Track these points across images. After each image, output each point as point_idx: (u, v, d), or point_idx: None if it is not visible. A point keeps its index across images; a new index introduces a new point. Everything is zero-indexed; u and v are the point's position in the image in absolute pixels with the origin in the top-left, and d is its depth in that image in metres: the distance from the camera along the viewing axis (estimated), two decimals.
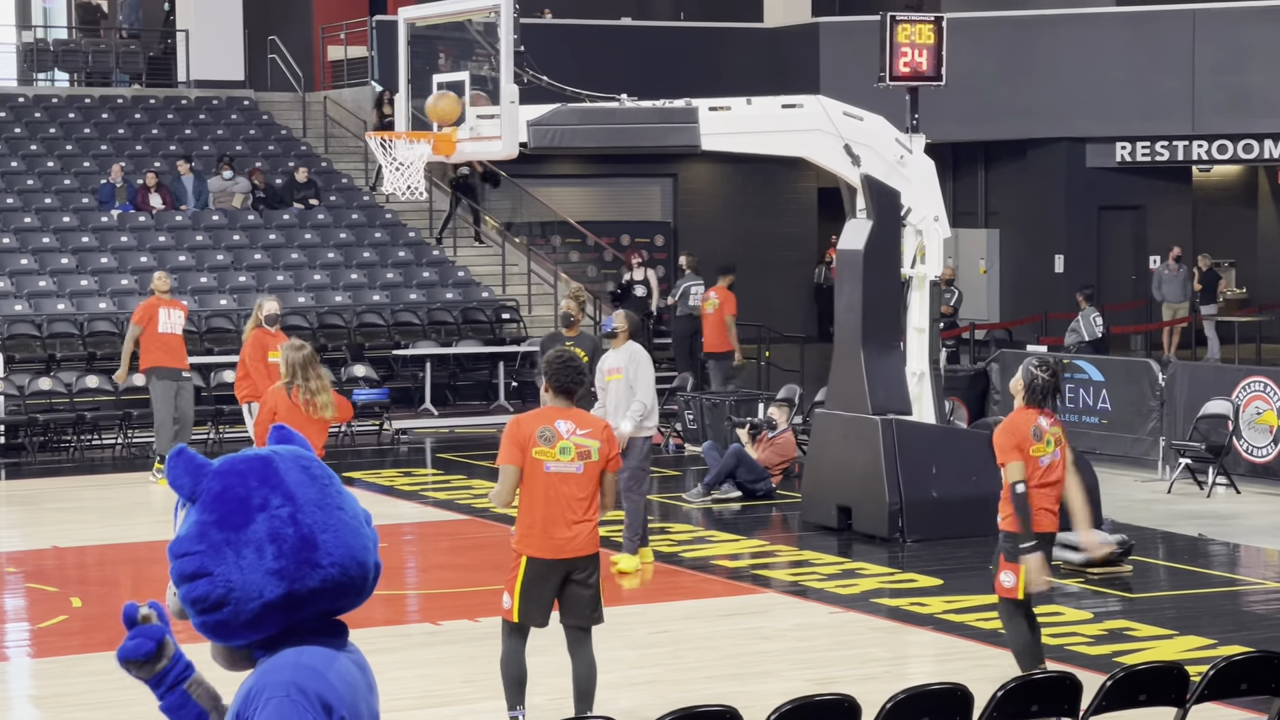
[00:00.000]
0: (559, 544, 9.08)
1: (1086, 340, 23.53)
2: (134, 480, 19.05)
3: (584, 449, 9.06)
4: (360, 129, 29.48)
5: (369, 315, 25.47)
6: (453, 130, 14.92)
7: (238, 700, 3.41)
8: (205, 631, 3.46)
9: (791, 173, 33.46)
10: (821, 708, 7.34)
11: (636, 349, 13.97)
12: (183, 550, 3.44)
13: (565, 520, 9.06)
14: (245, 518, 3.42)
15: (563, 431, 9.06)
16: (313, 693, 3.33)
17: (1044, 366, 10.15)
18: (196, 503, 3.45)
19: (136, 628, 3.63)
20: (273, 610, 3.41)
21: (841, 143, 15.42)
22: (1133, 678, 8.02)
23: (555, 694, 10.41)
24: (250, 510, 3.43)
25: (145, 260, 25.42)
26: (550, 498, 9.03)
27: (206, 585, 3.41)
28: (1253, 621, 12.62)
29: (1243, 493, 17.65)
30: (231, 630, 3.44)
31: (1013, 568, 9.90)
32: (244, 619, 3.41)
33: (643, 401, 13.81)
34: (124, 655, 3.63)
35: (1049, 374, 10.07)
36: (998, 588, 10.00)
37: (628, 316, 14.16)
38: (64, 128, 29.14)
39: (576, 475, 9.06)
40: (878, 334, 15.52)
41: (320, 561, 3.44)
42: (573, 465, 9.04)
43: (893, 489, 15.14)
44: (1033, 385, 10.06)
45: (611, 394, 13.89)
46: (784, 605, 13.08)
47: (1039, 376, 10.07)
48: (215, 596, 3.40)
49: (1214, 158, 30.42)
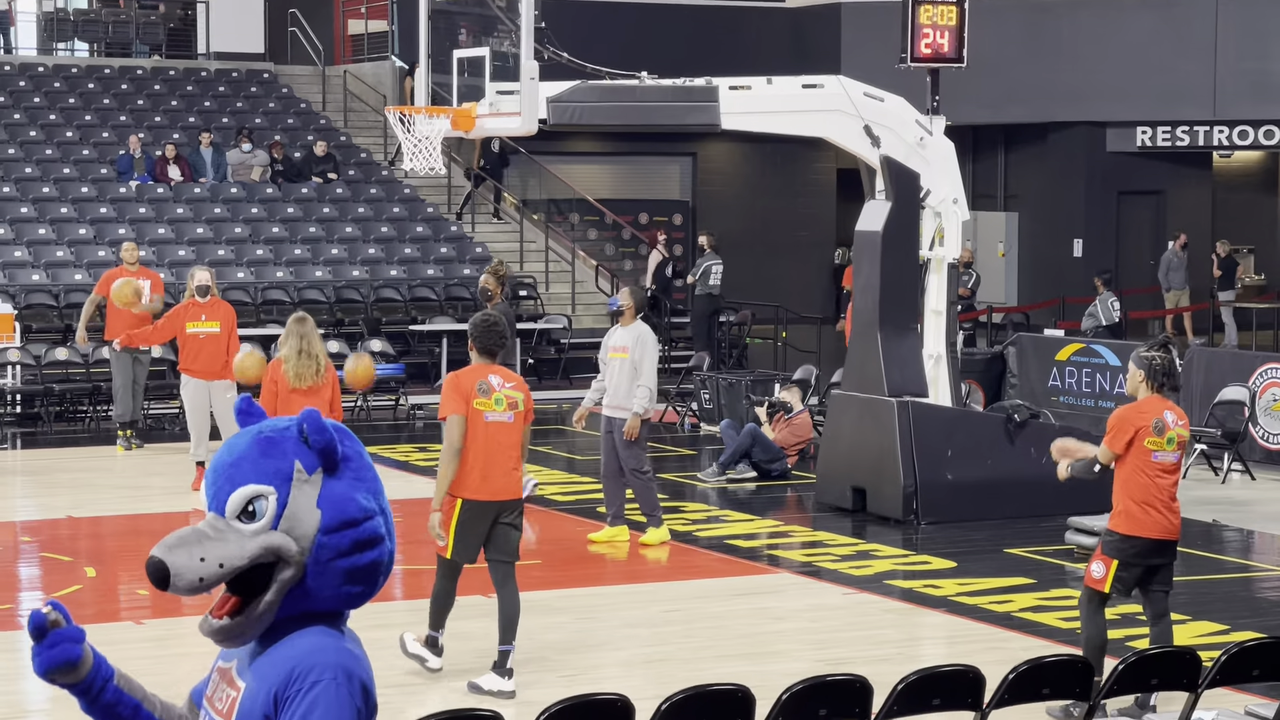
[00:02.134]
0: (496, 488, 10.03)
1: (1104, 325, 23.50)
2: (149, 451, 19.09)
3: (513, 400, 10.13)
4: (380, 104, 29.47)
5: (386, 290, 25.48)
6: (473, 105, 14.93)
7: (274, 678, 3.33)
8: (348, 599, 3.41)
9: (811, 153, 33.39)
10: (833, 688, 7.34)
11: (645, 330, 13.99)
12: (364, 514, 3.41)
13: (503, 467, 10.04)
14: (380, 485, 3.51)
15: (495, 385, 10.10)
16: (357, 678, 3.33)
17: (1155, 346, 9.63)
18: (344, 468, 3.43)
19: (50, 635, 3.47)
20: (385, 575, 3.46)
21: (861, 124, 15.39)
22: (1145, 662, 8.02)
23: (565, 671, 10.44)
24: (378, 479, 3.52)
25: (163, 232, 25.45)
26: (490, 446, 9.99)
27: (383, 552, 3.43)
28: (1266, 608, 12.61)
29: (1258, 479, 17.63)
30: (369, 595, 3.45)
31: (1105, 560, 9.40)
32: (379, 584, 3.45)
33: (648, 386, 13.85)
34: (50, 665, 3.47)
35: (1163, 350, 9.45)
36: (1086, 577, 9.56)
37: (633, 294, 14.18)
38: (83, 98, 29.15)
39: (508, 424, 10.10)
40: (895, 316, 15.50)
41: (392, 527, 3.52)
42: (505, 415, 10.09)
43: (908, 471, 15.13)
44: (1152, 369, 9.43)
45: (614, 371, 13.95)
46: (797, 586, 13.09)
47: (1155, 358, 9.45)
48: (384, 563, 3.44)
49: (1235, 143, 30.32)
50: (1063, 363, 20.19)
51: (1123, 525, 9.43)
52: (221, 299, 17.24)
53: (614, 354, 14.02)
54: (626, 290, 14.33)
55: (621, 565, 13.88)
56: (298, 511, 3.36)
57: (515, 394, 10.14)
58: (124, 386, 18.92)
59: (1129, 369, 9.65)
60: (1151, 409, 9.41)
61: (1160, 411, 9.41)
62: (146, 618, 11.98)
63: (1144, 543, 9.40)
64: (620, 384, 13.92)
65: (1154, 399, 9.47)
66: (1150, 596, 9.60)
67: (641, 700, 7.19)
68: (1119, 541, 9.42)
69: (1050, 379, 20.27)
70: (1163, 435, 9.38)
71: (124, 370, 18.91)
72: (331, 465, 3.41)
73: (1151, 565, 9.46)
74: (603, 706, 7.05)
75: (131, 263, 19.17)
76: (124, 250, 19.63)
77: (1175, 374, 9.62)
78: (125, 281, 18.10)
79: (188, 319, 16.49)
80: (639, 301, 14.12)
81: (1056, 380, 20.14)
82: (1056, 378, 20.16)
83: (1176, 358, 9.68)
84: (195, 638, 10.41)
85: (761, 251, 33.26)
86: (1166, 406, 9.48)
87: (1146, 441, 9.36)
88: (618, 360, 13.98)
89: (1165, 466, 9.43)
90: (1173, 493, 9.50)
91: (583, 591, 12.76)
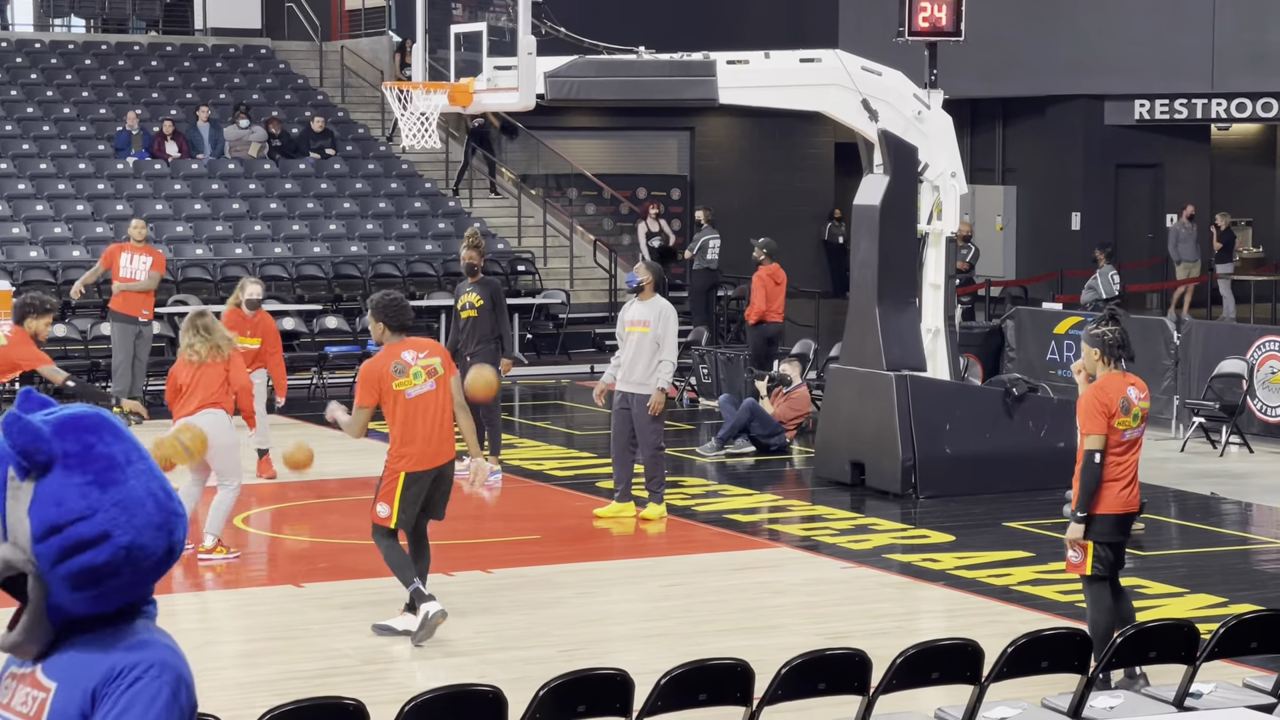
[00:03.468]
0: (434, 454, 10.52)
1: (1104, 298, 23.49)
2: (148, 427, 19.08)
3: (430, 367, 10.55)
4: (377, 79, 29.45)
5: (384, 266, 25.46)
6: (470, 81, 14.91)
7: (92, 675, 3.21)
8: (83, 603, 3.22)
9: (809, 127, 33.36)
10: (832, 662, 7.36)
11: (666, 305, 14.04)
12: (72, 516, 3.19)
13: (440, 433, 10.53)
14: (121, 474, 3.25)
15: (410, 360, 10.50)
16: (178, 673, 3.24)
17: (1104, 320, 9.46)
18: (55, 467, 3.22)
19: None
20: (159, 568, 3.27)
21: (859, 98, 15.37)
22: (1143, 635, 8.04)
23: (565, 645, 10.46)
24: (122, 466, 3.26)
25: (161, 208, 25.43)
26: (421, 419, 10.46)
27: (109, 550, 3.20)
28: (1264, 580, 12.63)
29: (1256, 452, 17.64)
30: (114, 595, 3.24)
31: (1080, 544, 9.33)
32: (132, 581, 3.24)
33: (670, 360, 13.88)
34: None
35: (1111, 321, 9.31)
36: (1068, 565, 9.54)
37: (650, 268, 14.20)
38: (80, 74, 29.10)
39: (433, 392, 10.51)
40: (893, 290, 15.50)
41: (179, 512, 3.32)
42: (428, 385, 10.50)
43: (906, 445, 15.14)
44: (1105, 344, 9.29)
45: (632, 345, 13.91)
46: (796, 560, 13.10)
47: (1106, 333, 9.32)
48: (117, 561, 3.20)
49: (1233, 116, 30.28)
50: (1061, 336, 20.19)
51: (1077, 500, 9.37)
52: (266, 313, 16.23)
53: (632, 328, 13.98)
54: (644, 265, 14.38)
55: (621, 540, 13.89)
56: (15, 522, 3.23)
57: (432, 360, 10.59)
58: (122, 364, 18.94)
59: (1082, 349, 9.50)
60: (1115, 387, 9.29)
61: (1124, 389, 9.30)
62: None
63: (1111, 519, 9.35)
64: (639, 359, 13.89)
65: (1114, 375, 9.33)
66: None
67: (641, 674, 7.21)
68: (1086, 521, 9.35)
69: (1049, 352, 20.27)
70: (1129, 413, 9.29)
71: (124, 347, 18.92)
72: (39, 468, 3.22)
73: (1117, 541, 9.44)
74: (602, 681, 7.07)
75: (139, 240, 19.13)
76: (132, 227, 19.52)
77: (1128, 344, 9.40)
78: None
79: (239, 332, 15.15)
80: (658, 276, 14.16)
81: (1055, 354, 20.14)
82: (1055, 351, 20.16)
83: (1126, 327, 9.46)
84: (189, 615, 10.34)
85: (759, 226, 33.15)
86: (1129, 382, 9.36)
87: (1116, 422, 9.26)
88: (637, 334, 13.93)
89: (1130, 443, 9.35)
90: (1135, 468, 9.42)
91: (582, 566, 12.78)
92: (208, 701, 8.80)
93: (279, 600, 11.82)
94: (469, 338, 15.70)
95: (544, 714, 6.90)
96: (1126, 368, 9.48)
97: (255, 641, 10.76)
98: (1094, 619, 9.38)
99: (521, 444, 17.98)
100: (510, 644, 10.55)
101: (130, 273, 18.94)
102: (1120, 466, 9.35)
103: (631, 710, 7.06)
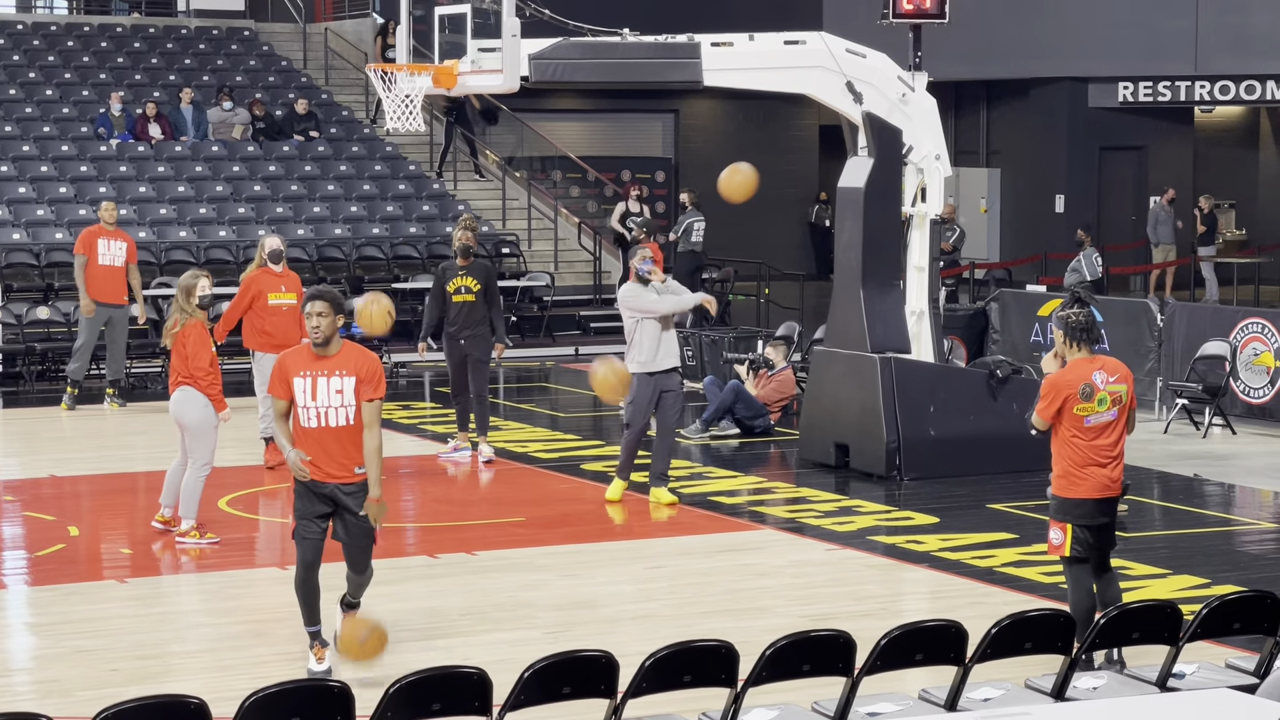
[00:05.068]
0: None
1: (1088, 280, 23.53)
2: (133, 410, 19.06)
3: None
4: (361, 61, 29.38)
5: (368, 248, 25.42)
6: (454, 63, 14.88)
7: None
8: None
9: (793, 110, 33.35)
10: (817, 643, 7.37)
11: (673, 283, 14.32)
12: None
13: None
14: None
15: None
16: None
17: (1070, 303, 9.51)
18: None
19: None
20: None
21: (843, 80, 15.37)
22: (1126, 616, 8.06)
23: (549, 627, 10.47)
24: None
25: (144, 190, 25.37)
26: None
27: None
28: (1247, 561, 12.66)
29: (1239, 433, 17.68)
30: None
31: (1059, 525, 9.39)
32: None
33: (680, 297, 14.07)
34: None
35: (1076, 305, 9.48)
36: (1049, 546, 9.55)
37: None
38: (62, 56, 29.00)
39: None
40: (877, 272, 15.51)
41: None
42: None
43: (890, 427, 15.16)
44: (1070, 327, 9.33)
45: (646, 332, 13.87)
46: (781, 542, 13.12)
47: (1070, 315, 9.37)
48: None
49: (1216, 98, 30.31)
50: (1045, 318, 20.20)
51: (1064, 489, 9.43)
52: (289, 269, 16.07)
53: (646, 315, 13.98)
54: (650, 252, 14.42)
55: (605, 523, 13.90)
56: None
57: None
58: (84, 348, 19.01)
59: (1055, 336, 9.52)
60: (1078, 373, 9.30)
61: (1088, 374, 9.29)
62: (129, 576, 11.99)
63: (1087, 504, 9.40)
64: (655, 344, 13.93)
65: (1081, 361, 9.34)
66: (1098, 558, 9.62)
67: (626, 656, 7.22)
68: (1063, 505, 9.43)
69: (1032, 334, 20.29)
70: (1092, 399, 9.27)
71: (90, 331, 18.92)
72: None
73: (1098, 524, 9.46)
74: (587, 663, 7.07)
75: (110, 222, 19.07)
76: (102, 209, 19.42)
77: (1094, 328, 9.42)
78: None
79: (269, 289, 15.37)
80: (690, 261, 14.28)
81: (1039, 336, 20.16)
82: (1039, 333, 20.18)
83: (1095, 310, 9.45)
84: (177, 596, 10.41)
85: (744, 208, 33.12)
86: (1096, 366, 9.35)
87: (1075, 409, 9.28)
88: (650, 321, 13.93)
89: (1098, 428, 9.34)
90: (1112, 451, 9.41)
91: (567, 549, 12.78)
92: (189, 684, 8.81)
93: (262, 583, 11.81)
94: (466, 321, 15.71)
95: (529, 696, 6.91)
96: (1096, 350, 9.52)
97: (237, 625, 10.75)
98: (1074, 600, 9.43)
99: (506, 426, 17.98)
100: (495, 626, 10.56)
101: (110, 259, 18.87)
102: (1095, 451, 9.36)
103: (616, 692, 7.07)
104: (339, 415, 9.16)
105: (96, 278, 18.84)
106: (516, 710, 6.91)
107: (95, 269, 18.83)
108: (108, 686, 9.03)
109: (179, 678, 9.42)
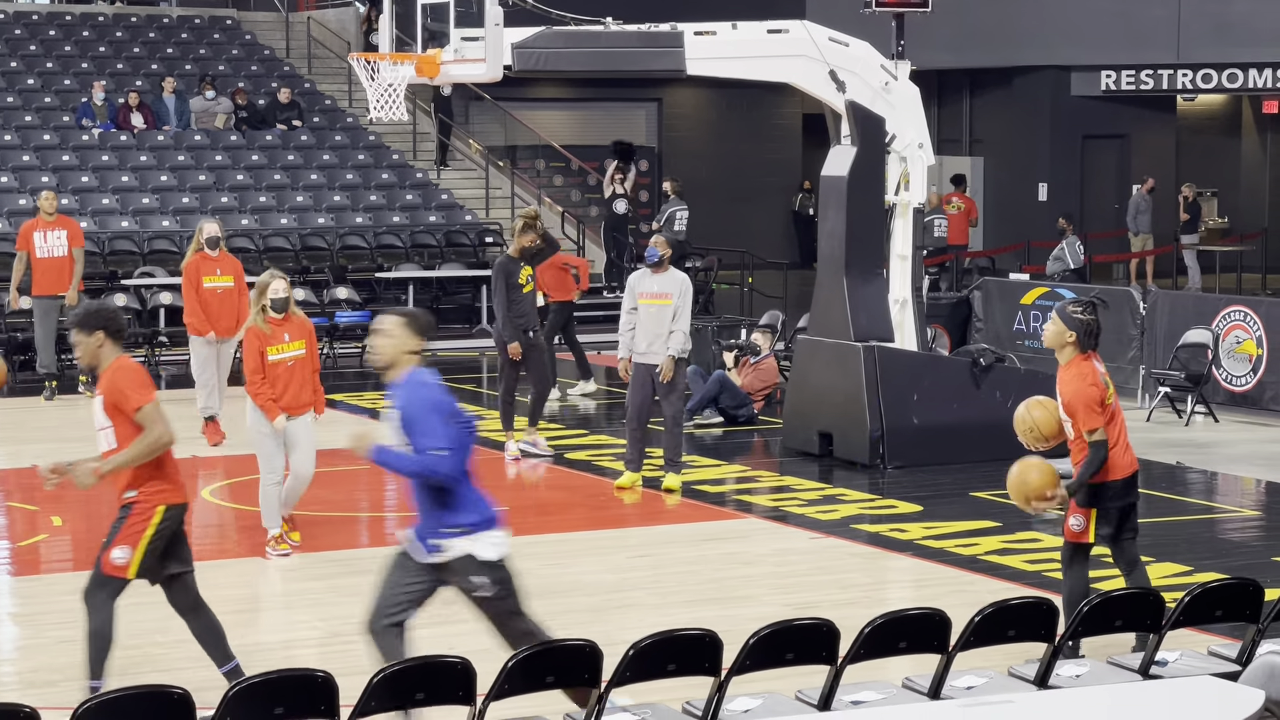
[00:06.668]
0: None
1: (1071, 268, 23.56)
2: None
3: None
4: (344, 50, 29.35)
5: (351, 237, 25.40)
6: (437, 52, 14.86)
7: None
8: None
9: (776, 98, 33.34)
10: (801, 632, 7.38)
11: (684, 278, 14.26)
12: None
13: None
14: None
15: None
16: None
17: (1086, 308, 9.55)
18: None
19: None
20: None
21: (827, 69, 15.37)
22: (1109, 604, 8.08)
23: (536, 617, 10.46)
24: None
25: (126, 180, 25.31)
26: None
27: None
28: (1229, 549, 12.70)
29: (1221, 421, 17.72)
30: None
31: (1083, 512, 9.39)
32: None
33: (684, 331, 13.96)
34: None
35: (1093, 311, 9.41)
36: (1066, 532, 9.51)
37: (669, 243, 14.37)
38: (44, 45, 28.93)
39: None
40: (860, 261, 15.51)
41: None
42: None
43: (874, 415, 15.17)
44: (1088, 329, 9.42)
45: (652, 319, 13.93)
46: (764, 530, 13.13)
47: (1090, 322, 9.46)
48: None
49: (1199, 87, 30.35)
50: (1028, 306, 20.24)
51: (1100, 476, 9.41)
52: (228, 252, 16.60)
53: (652, 300, 14.02)
54: (662, 239, 14.45)
55: (589, 512, 13.90)
56: None
57: None
58: (45, 340, 18.81)
59: (1055, 324, 9.51)
60: (1094, 372, 9.44)
61: (1099, 369, 9.49)
62: None
63: (1119, 483, 9.47)
64: (650, 328, 13.95)
65: (1088, 362, 9.45)
66: (1121, 545, 9.62)
67: (609, 646, 7.23)
68: (1100, 491, 9.42)
69: (1015, 323, 20.32)
70: (1110, 387, 9.52)
71: (44, 323, 18.74)
72: None
73: (1125, 506, 9.49)
74: (571, 652, 7.08)
75: (50, 212, 18.70)
76: (41, 199, 18.96)
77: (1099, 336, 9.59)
78: None
79: (203, 274, 15.92)
80: (675, 250, 14.25)
81: (1022, 324, 20.19)
82: (1022, 321, 20.21)
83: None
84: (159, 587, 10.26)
85: (727, 197, 33.24)
86: (1095, 359, 9.54)
87: (1107, 399, 9.43)
88: (656, 307, 13.98)
89: (1115, 410, 9.53)
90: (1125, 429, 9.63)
91: (550, 538, 12.78)
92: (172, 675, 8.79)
93: (245, 573, 11.80)
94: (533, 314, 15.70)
95: (512, 685, 6.92)
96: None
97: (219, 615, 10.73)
98: (1071, 588, 9.41)
99: (491, 415, 17.97)
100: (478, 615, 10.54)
101: (47, 251, 18.56)
102: (1120, 431, 9.52)
103: (600, 681, 7.07)
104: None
105: (38, 271, 18.57)
106: (500, 699, 6.92)
107: (36, 262, 18.55)
108: None
109: (162, 668, 9.40)
